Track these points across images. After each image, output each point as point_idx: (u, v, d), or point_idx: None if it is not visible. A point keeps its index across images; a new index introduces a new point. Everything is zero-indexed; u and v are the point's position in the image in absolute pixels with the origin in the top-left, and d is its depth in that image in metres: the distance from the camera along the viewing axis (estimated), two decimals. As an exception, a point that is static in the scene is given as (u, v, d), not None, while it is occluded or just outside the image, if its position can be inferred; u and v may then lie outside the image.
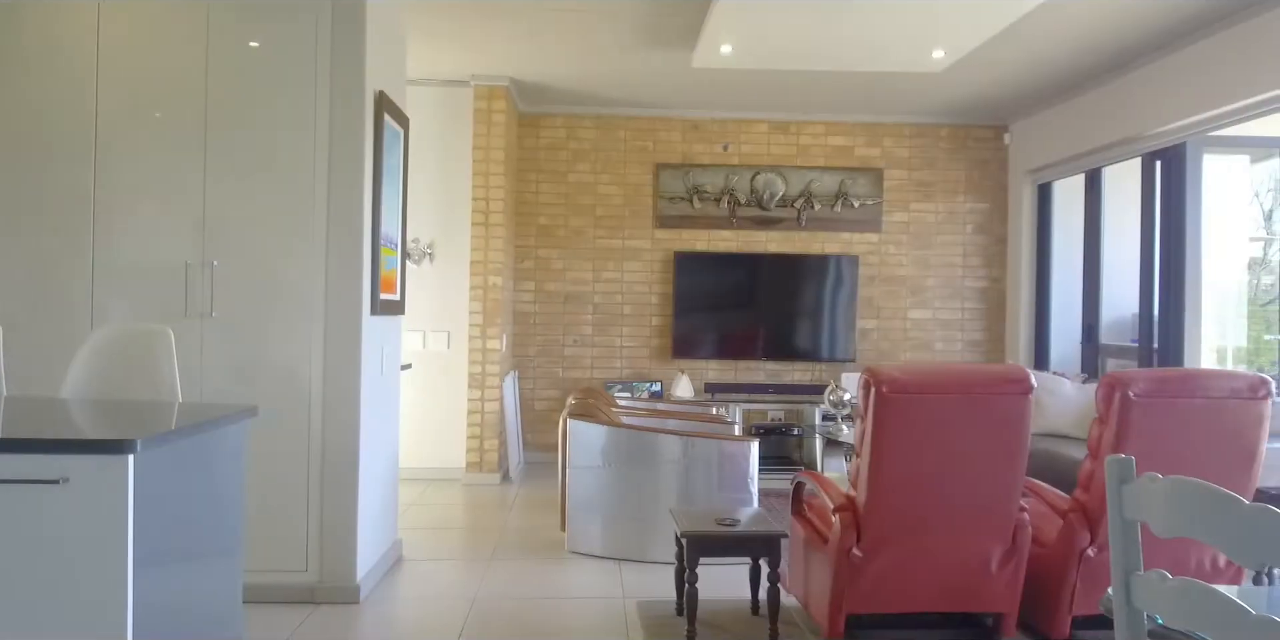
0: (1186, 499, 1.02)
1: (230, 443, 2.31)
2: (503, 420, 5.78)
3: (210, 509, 2.24)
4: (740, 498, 4.02)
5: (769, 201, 6.58)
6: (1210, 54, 4.57)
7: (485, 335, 5.64)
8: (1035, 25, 4.50)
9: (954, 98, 6.11)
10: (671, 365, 6.49)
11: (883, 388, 2.78)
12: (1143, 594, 1.10)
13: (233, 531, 2.37)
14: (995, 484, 2.85)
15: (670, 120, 6.54)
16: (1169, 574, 1.06)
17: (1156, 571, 1.07)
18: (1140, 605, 1.11)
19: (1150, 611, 1.10)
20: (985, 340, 6.76)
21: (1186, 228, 5.15)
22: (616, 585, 3.65)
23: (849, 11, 4.11)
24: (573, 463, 4.06)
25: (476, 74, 5.62)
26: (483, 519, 4.80)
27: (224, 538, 2.32)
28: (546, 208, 6.48)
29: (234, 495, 2.37)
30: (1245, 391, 2.84)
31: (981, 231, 6.77)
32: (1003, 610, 2.96)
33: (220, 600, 2.32)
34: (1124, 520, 1.15)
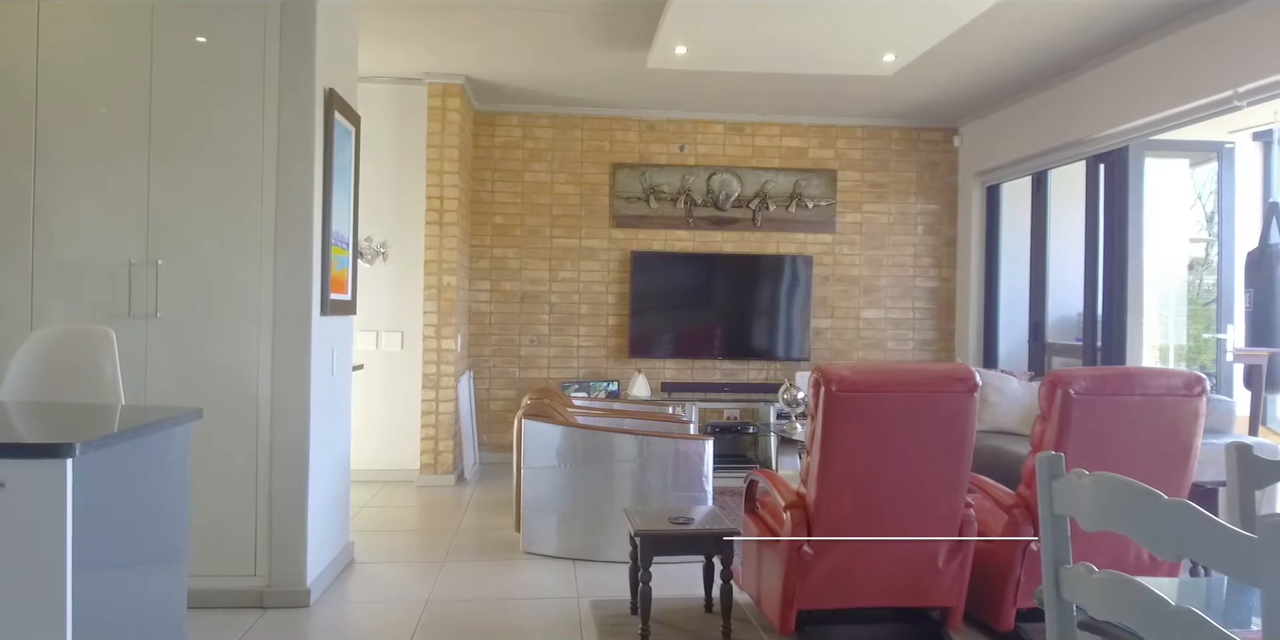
0: (1110, 494, 1.05)
1: (174, 446, 2.27)
2: (458, 421, 5.74)
3: (153, 513, 2.19)
4: (695, 496, 4.04)
5: (725, 202, 6.62)
6: (1152, 60, 4.70)
7: (440, 335, 5.60)
8: (983, 30, 4.59)
9: (905, 101, 6.21)
10: (629, 365, 6.50)
11: (832, 386, 2.82)
12: (1071, 586, 1.14)
13: (177, 536, 2.33)
14: (941, 480, 2.91)
15: (627, 120, 6.55)
16: (1095, 567, 1.10)
17: (1084, 564, 1.11)
18: (1069, 597, 1.15)
19: (1078, 603, 1.14)
20: (936, 339, 6.88)
21: (1129, 229, 5.29)
22: (571, 585, 3.66)
23: (801, 15, 4.16)
24: (527, 463, 4.05)
25: (430, 71, 5.58)
26: (437, 520, 4.76)
27: (168, 542, 2.28)
28: (502, 207, 6.46)
29: (178, 499, 2.33)
30: (1181, 389, 2.93)
31: (932, 232, 6.89)
32: (950, 604, 3.02)
33: (164, 606, 2.28)
34: (1053, 515, 1.18)
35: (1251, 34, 4.02)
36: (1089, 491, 1.09)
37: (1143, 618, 0.97)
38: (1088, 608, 1.10)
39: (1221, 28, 4.20)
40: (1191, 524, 0.92)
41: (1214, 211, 6.69)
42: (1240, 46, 4.08)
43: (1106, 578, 1.06)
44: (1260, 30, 3.96)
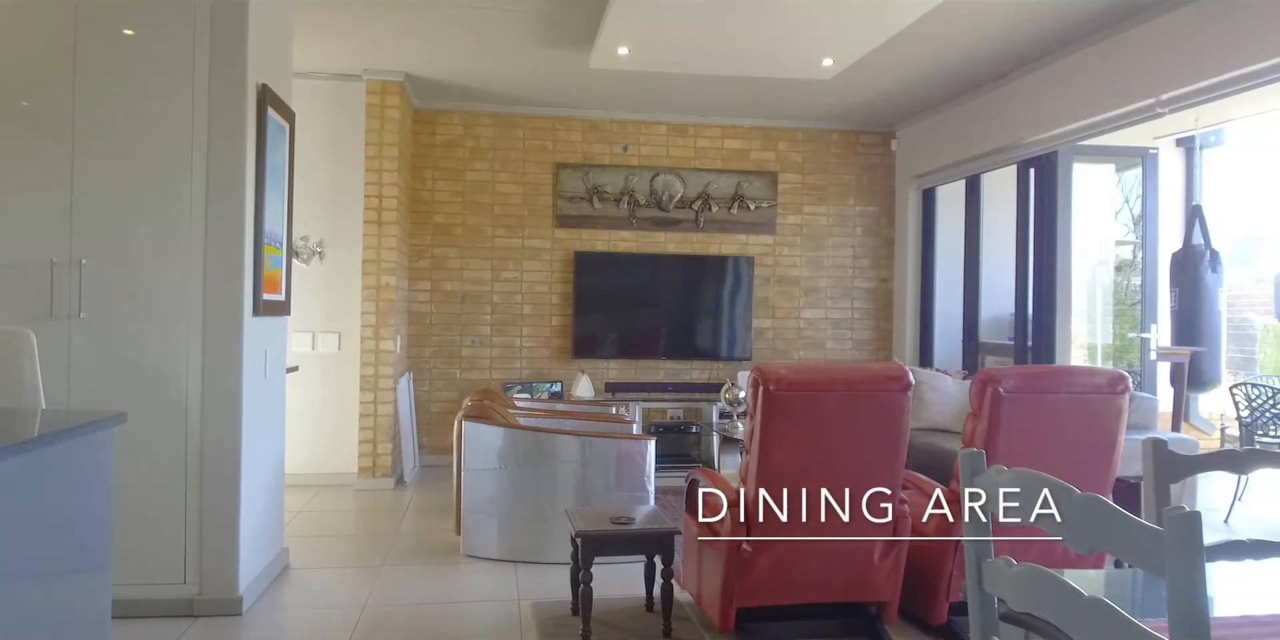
0: (1027, 489, 1.09)
1: (96, 451, 2.19)
2: (397, 423, 5.66)
3: (74, 521, 2.12)
4: (637, 496, 4.04)
5: (668, 203, 6.65)
6: (1078, 68, 4.85)
7: (378, 336, 5.51)
8: (917, 37, 4.68)
9: (844, 104, 6.30)
10: (572, 365, 6.49)
11: (770, 386, 2.85)
12: (992, 580, 1.17)
13: (100, 544, 2.25)
14: (877, 477, 2.95)
15: (570, 120, 6.53)
16: (1014, 560, 1.13)
17: (1004, 558, 1.14)
18: (991, 590, 1.18)
19: (999, 595, 1.17)
20: (874, 339, 7.00)
21: (1057, 232, 5.46)
22: (512, 587, 3.63)
23: (741, 18, 4.20)
24: (468, 465, 4.01)
25: (369, 68, 5.49)
26: (375, 524, 4.69)
27: (90, 551, 2.20)
28: (443, 206, 6.38)
29: (101, 506, 2.25)
30: (1105, 387, 3.03)
31: (870, 234, 7.01)
32: (885, 599, 3.07)
33: (87, 617, 2.20)
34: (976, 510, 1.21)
35: (1172, 44, 4.17)
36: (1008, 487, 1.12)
37: (1058, 609, 1.00)
38: (1008, 600, 1.13)
39: (1144, 38, 4.36)
40: (1102, 517, 0.95)
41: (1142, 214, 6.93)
42: (1162, 56, 4.23)
43: (1024, 571, 1.09)
44: (1180, 41, 4.12)
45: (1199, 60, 4.01)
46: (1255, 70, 3.75)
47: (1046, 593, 1.03)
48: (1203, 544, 0.84)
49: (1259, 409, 5.14)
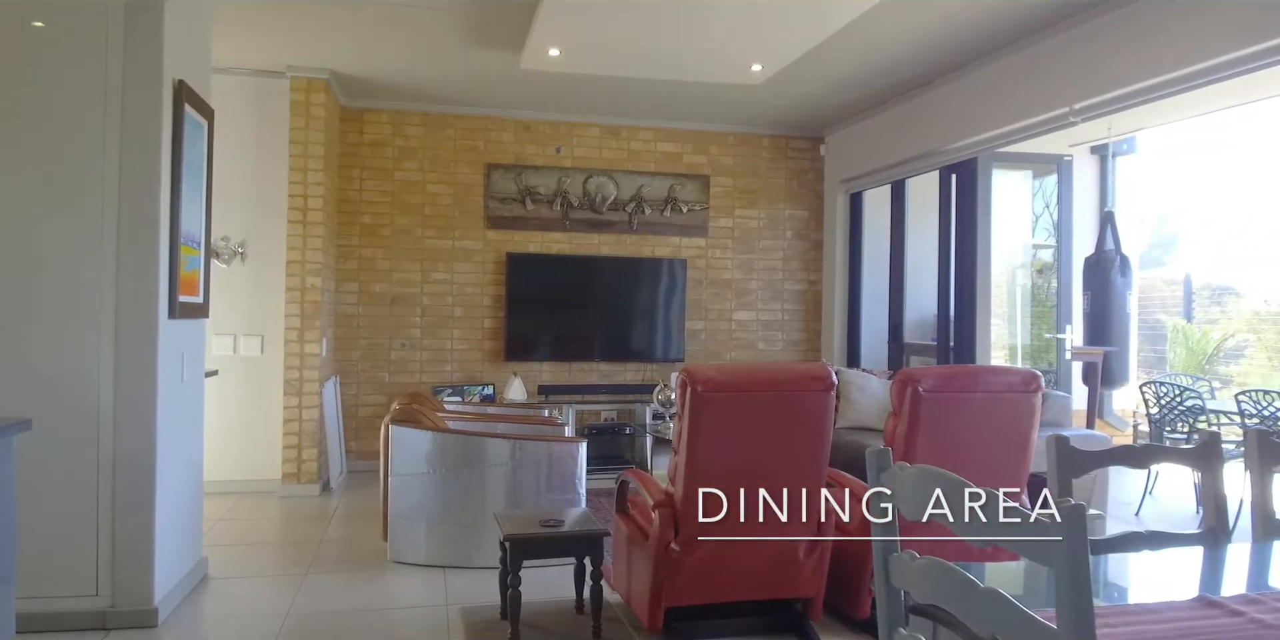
0: (928, 485, 1.12)
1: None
2: (322, 428, 5.54)
3: (-30, 533, 2.03)
4: (568, 498, 4.04)
5: (601, 205, 6.65)
6: (996, 77, 5.01)
7: (303, 339, 5.38)
8: (845, 44, 4.78)
9: (774, 110, 6.40)
10: (505, 368, 6.44)
11: (697, 387, 2.87)
12: (898, 574, 1.20)
13: (2, 554, 2.16)
14: (802, 475, 3.00)
15: (502, 120, 6.48)
16: (917, 554, 1.16)
17: (908, 552, 1.17)
18: (897, 584, 1.21)
19: (905, 589, 1.20)
20: (804, 340, 7.12)
21: (977, 236, 5.62)
22: (440, 593, 3.59)
23: (671, 22, 4.23)
24: (395, 470, 3.95)
25: (293, 65, 5.37)
26: (299, 532, 4.58)
27: (-12, 564, 2.11)
28: (371, 206, 6.27)
29: (3, 515, 2.16)
30: (1020, 386, 3.13)
31: (800, 237, 7.12)
32: (810, 595, 3.12)
33: (-16, 633, 2.11)
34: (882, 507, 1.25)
35: (1084, 56, 4.34)
36: (910, 483, 1.16)
37: (956, 600, 1.04)
38: (912, 593, 1.16)
39: (1058, 49, 4.52)
40: (997, 511, 0.99)
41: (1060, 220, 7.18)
42: (1075, 67, 4.40)
43: (927, 564, 1.12)
44: (1092, 52, 4.29)
45: (1109, 71, 4.18)
46: (1162, 81, 3.93)
47: (946, 585, 1.07)
48: (1087, 536, 0.88)
49: (1167, 406, 5.37)
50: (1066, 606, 0.89)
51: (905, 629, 1.22)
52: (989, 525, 1.00)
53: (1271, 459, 1.96)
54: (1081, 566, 0.88)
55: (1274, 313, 8.91)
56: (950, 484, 1.06)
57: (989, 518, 1.00)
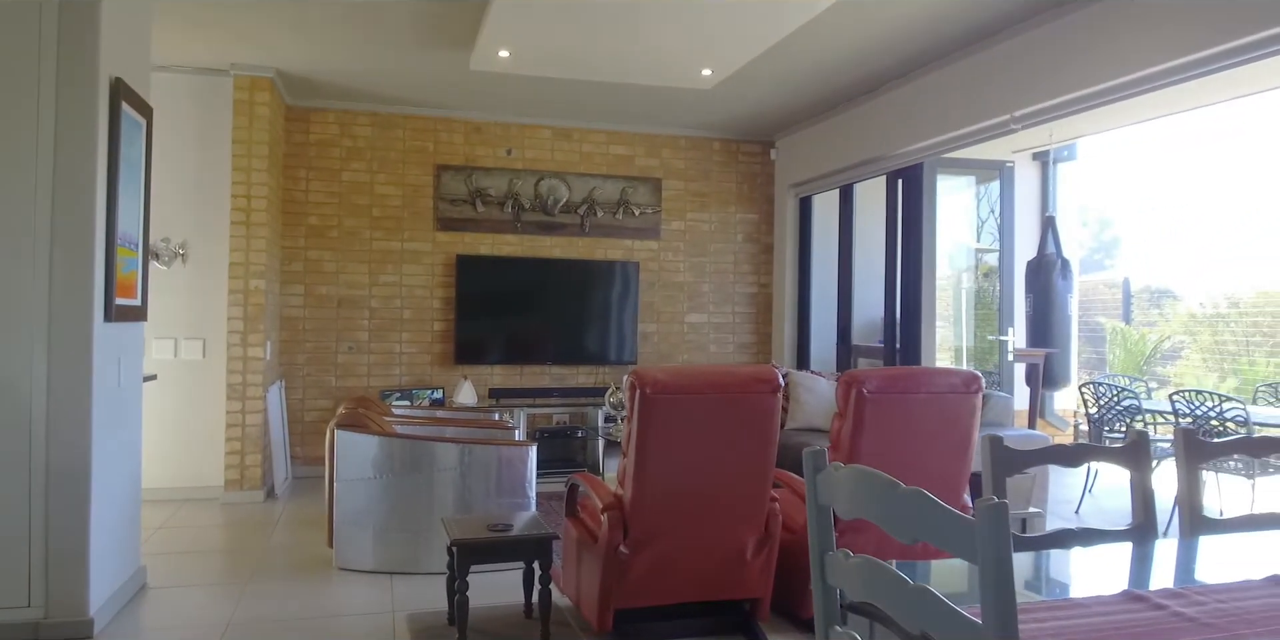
0: (860, 485, 1.14)
1: (-84, 468, 2.03)
2: (267, 433, 5.44)
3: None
4: (518, 502, 4.02)
5: (553, 207, 6.64)
6: (940, 84, 5.11)
7: (246, 342, 5.28)
8: (794, 50, 4.84)
9: (725, 114, 6.44)
10: (455, 371, 6.39)
11: (646, 389, 2.88)
12: (834, 572, 1.22)
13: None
14: (749, 477, 3.03)
15: (452, 121, 6.44)
16: (851, 552, 1.18)
17: (842, 551, 1.19)
18: (833, 582, 1.23)
19: (840, 587, 1.22)
20: (755, 342, 7.18)
21: (923, 240, 5.72)
22: (387, 599, 3.55)
23: (621, 26, 4.24)
24: (341, 475, 3.89)
25: (237, 63, 5.27)
26: (242, 539, 4.49)
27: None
28: (317, 207, 6.18)
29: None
30: (961, 386, 3.19)
31: (751, 240, 7.18)
32: (758, 595, 3.15)
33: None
34: (818, 506, 1.26)
35: (1024, 65, 4.44)
36: (844, 483, 1.18)
37: (888, 597, 1.06)
38: (847, 591, 1.18)
39: (999, 58, 4.63)
40: (923, 509, 1.01)
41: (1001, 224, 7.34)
42: (1015, 75, 4.51)
43: (860, 562, 1.14)
44: (1032, 62, 4.39)
45: (1048, 80, 4.28)
46: (1099, 90, 4.04)
47: (878, 582, 1.09)
48: (1010, 533, 0.90)
49: (1105, 406, 5.52)
50: (990, 602, 0.91)
51: (841, 627, 1.24)
52: (916, 523, 1.02)
53: (1198, 457, 2.03)
54: (1004, 563, 0.90)
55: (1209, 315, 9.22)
56: (881, 483, 1.08)
57: (916, 516, 1.02)
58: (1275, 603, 1.44)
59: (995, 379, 6.86)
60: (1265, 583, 1.55)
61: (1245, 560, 1.80)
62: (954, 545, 0.96)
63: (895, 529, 1.05)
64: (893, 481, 1.07)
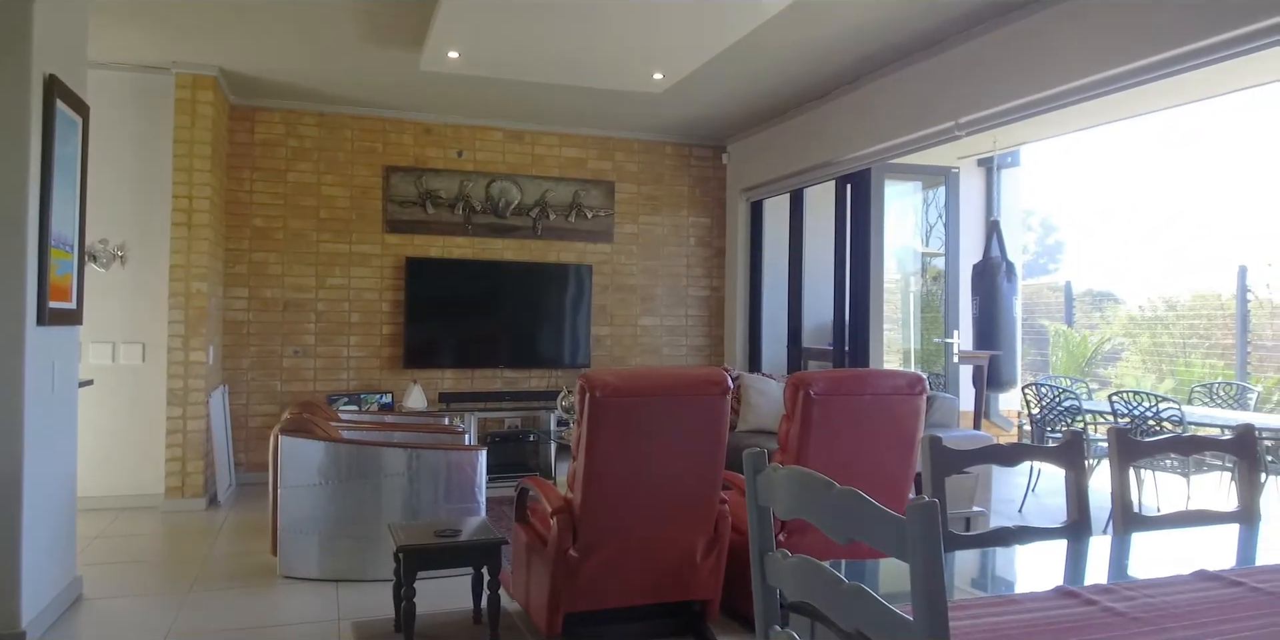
0: (796, 485, 1.15)
1: None
2: (209, 440, 5.31)
3: None
4: (467, 508, 3.98)
5: (504, 209, 6.60)
6: (887, 91, 5.19)
7: (188, 346, 5.15)
8: (745, 56, 4.87)
9: (677, 118, 6.47)
10: (404, 375, 6.31)
11: (596, 392, 2.87)
12: (773, 572, 1.23)
13: None
14: (699, 479, 3.04)
15: (401, 122, 6.37)
16: (789, 553, 1.19)
17: (781, 551, 1.20)
18: (772, 582, 1.24)
19: (778, 587, 1.23)
20: (707, 345, 7.21)
21: (871, 244, 5.80)
22: (332, 607, 3.49)
23: (572, 28, 4.23)
24: (285, 482, 3.82)
25: (179, 61, 5.15)
26: (183, 548, 4.38)
27: None
28: (262, 208, 6.06)
29: None
30: (905, 388, 3.24)
31: (703, 244, 7.22)
32: (708, 596, 3.16)
33: None
34: (758, 507, 1.27)
35: (969, 72, 4.54)
36: (783, 484, 1.19)
37: (823, 596, 1.07)
38: (784, 591, 1.19)
39: (944, 65, 4.72)
40: (857, 509, 1.02)
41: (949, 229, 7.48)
42: (959, 83, 4.60)
43: (798, 562, 1.15)
44: (976, 69, 4.48)
45: (991, 88, 4.38)
46: (1040, 97, 4.13)
47: (814, 582, 1.10)
48: (940, 531, 0.92)
49: (1048, 407, 5.64)
50: (921, 599, 0.92)
51: (781, 627, 1.25)
52: (850, 523, 1.03)
53: (1130, 456, 2.09)
54: (934, 561, 0.92)
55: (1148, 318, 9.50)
56: (817, 484, 1.09)
57: (850, 515, 1.03)
58: (1202, 597, 1.48)
59: (942, 381, 6.98)
60: (1192, 578, 1.60)
61: (1175, 556, 1.86)
62: (886, 544, 0.97)
63: (830, 529, 1.06)
64: (828, 482, 1.09)
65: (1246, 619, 1.36)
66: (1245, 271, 7.73)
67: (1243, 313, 7.73)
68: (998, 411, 7.61)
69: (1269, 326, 7.79)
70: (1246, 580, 1.56)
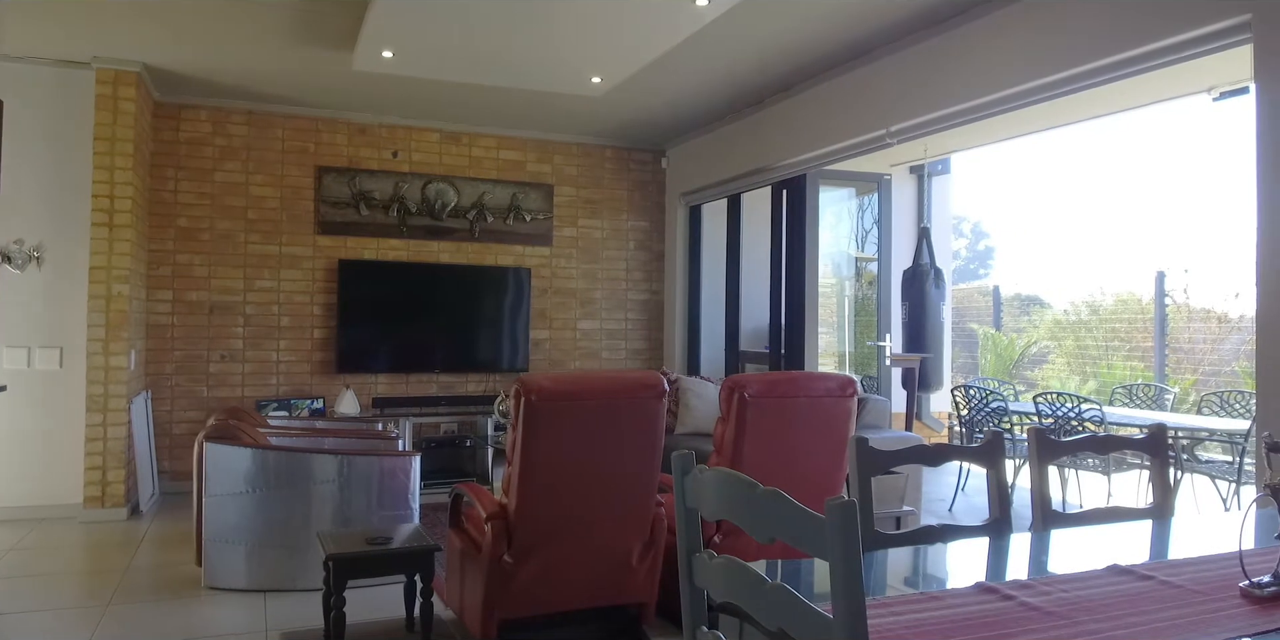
0: (722, 487, 1.16)
1: None
2: (131, 447, 5.13)
3: None
4: (401, 515, 3.91)
5: (441, 211, 6.52)
6: (821, 99, 5.28)
7: (108, 351, 4.97)
8: (683, 61, 4.90)
9: (617, 122, 6.48)
10: (336, 380, 6.18)
11: (531, 396, 2.86)
12: (700, 573, 1.23)
13: None
14: (635, 482, 3.05)
15: (335, 122, 6.25)
16: (715, 553, 1.20)
17: (707, 551, 1.21)
18: (699, 583, 1.24)
19: (706, 588, 1.24)
20: (647, 348, 7.23)
21: (806, 249, 5.89)
22: (260, 618, 3.39)
23: (507, 30, 4.21)
24: (211, 490, 3.70)
25: (100, 55, 4.97)
26: (103, 560, 4.22)
27: None
28: (188, 208, 5.88)
29: None
30: (837, 390, 3.30)
31: (643, 248, 7.23)
32: (644, 600, 3.16)
33: None
34: (686, 508, 1.28)
35: (900, 82, 4.64)
36: (709, 485, 1.20)
37: (747, 596, 1.08)
38: (711, 591, 1.19)
39: (876, 74, 4.81)
40: (779, 509, 1.03)
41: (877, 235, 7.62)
42: (891, 92, 4.70)
43: (724, 563, 1.16)
44: (907, 79, 4.59)
45: (922, 97, 4.48)
46: (967, 107, 4.25)
47: (738, 582, 1.10)
48: (858, 530, 0.93)
49: (975, 408, 5.79)
50: (840, 597, 0.93)
51: (708, 628, 1.26)
52: (772, 523, 1.05)
53: (1049, 455, 2.15)
54: (852, 559, 0.93)
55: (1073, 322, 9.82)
56: (741, 485, 1.10)
57: (772, 515, 1.04)
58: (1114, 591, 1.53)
59: (875, 383, 7.11)
60: (1106, 572, 1.65)
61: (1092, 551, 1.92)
62: (807, 543, 0.98)
63: (754, 529, 1.07)
64: (752, 483, 1.10)
65: (1155, 611, 1.41)
66: (1163, 277, 8.04)
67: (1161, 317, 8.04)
68: (929, 413, 7.78)
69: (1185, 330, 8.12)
70: (1157, 574, 1.62)
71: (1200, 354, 8.02)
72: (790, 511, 1.01)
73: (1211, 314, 7.97)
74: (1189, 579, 1.59)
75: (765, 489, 1.06)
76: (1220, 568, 1.66)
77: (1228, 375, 7.62)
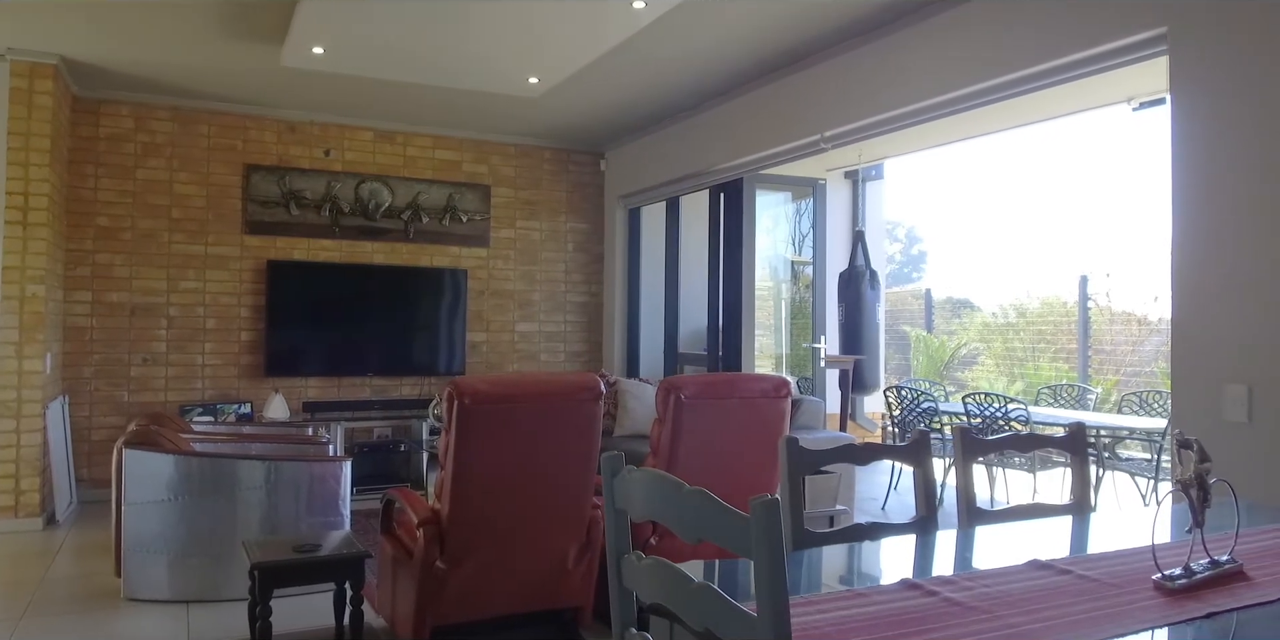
0: (650, 488, 1.16)
1: None
2: (46, 454, 4.92)
3: None
4: (331, 521, 3.83)
5: (375, 212, 6.41)
6: (756, 104, 5.33)
7: (21, 355, 4.76)
8: (620, 64, 4.91)
9: (555, 123, 6.45)
10: (265, 384, 6.02)
11: (465, 399, 2.82)
12: (629, 574, 1.23)
13: None
14: (571, 485, 3.03)
15: (263, 119, 6.09)
16: (644, 554, 1.19)
17: (635, 553, 1.20)
18: (628, 584, 1.24)
19: (634, 589, 1.23)
20: (586, 350, 7.21)
21: (743, 252, 5.94)
22: (182, 629, 3.28)
23: (444, 27, 4.15)
24: (130, 498, 3.57)
25: (15, 47, 4.77)
26: (16, 572, 4.04)
27: None
28: (108, 207, 5.67)
29: None
30: (771, 392, 3.33)
31: (582, 250, 7.21)
32: (580, 603, 3.15)
33: None
34: (615, 509, 1.27)
35: (834, 88, 4.71)
36: (637, 486, 1.19)
37: (674, 596, 1.07)
38: (639, 593, 1.19)
39: (811, 80, 4.88)
40: (705, 509, 1.03)
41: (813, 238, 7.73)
42: (825, 98, 4.77)
43: (651, 564, 1.16)
44: (840, 85, 4.66)
45: (855, 103, 4.56)
46: (898, 114, 4.33)
47: (666, 582, 1.10)
48: (781, 528, 0.94)
49: (907, 408, 5.91)
50: (764, 595, 0.94)
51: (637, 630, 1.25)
52: (699, 522, 1.05)
53: (973, 453, 2.20)
54: (776, 558, 0.93)
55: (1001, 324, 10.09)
56: (668, 485, 1.10)
57: (698, 515, 1.04)
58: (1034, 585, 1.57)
59: (810, 384, 7.20)
60: (1026, 567, 1.69)
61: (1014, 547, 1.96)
62: (732, 542, 0.99)
63: (681, 529, 1.07)
64: (678, 483, 1.09)
65: (1072, 604, 1.45)
66: (1086, 281, 8.32)
67: (1084, 319, 8.32)
68: (863, 414, 7.91)
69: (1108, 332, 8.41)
70: (1075, 568, 1.67)
71: (1121, 355, 8.32)
72: (715, 511, 1.01)
73: (1132, 317, 8.27)
74: (1105, 573, 1.64)
75: (691, 489, 1.06)
76: (1135, 561, 1.71)
77: (1147, 376, 7.92)
